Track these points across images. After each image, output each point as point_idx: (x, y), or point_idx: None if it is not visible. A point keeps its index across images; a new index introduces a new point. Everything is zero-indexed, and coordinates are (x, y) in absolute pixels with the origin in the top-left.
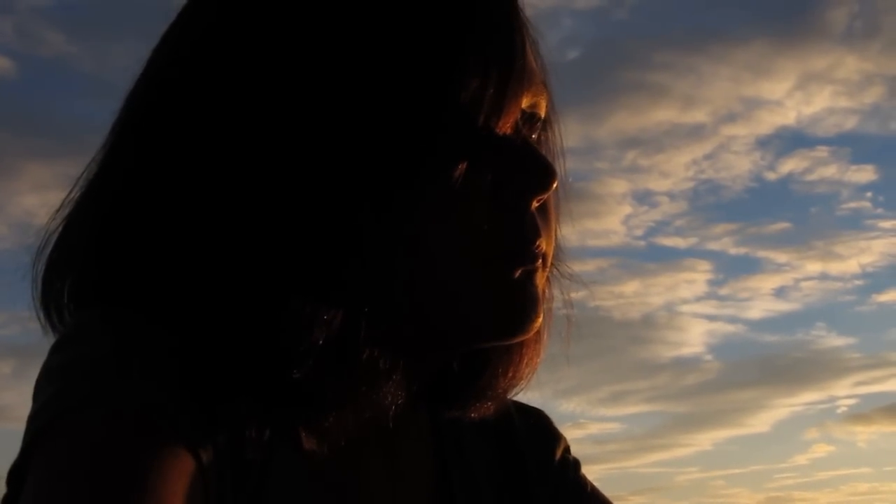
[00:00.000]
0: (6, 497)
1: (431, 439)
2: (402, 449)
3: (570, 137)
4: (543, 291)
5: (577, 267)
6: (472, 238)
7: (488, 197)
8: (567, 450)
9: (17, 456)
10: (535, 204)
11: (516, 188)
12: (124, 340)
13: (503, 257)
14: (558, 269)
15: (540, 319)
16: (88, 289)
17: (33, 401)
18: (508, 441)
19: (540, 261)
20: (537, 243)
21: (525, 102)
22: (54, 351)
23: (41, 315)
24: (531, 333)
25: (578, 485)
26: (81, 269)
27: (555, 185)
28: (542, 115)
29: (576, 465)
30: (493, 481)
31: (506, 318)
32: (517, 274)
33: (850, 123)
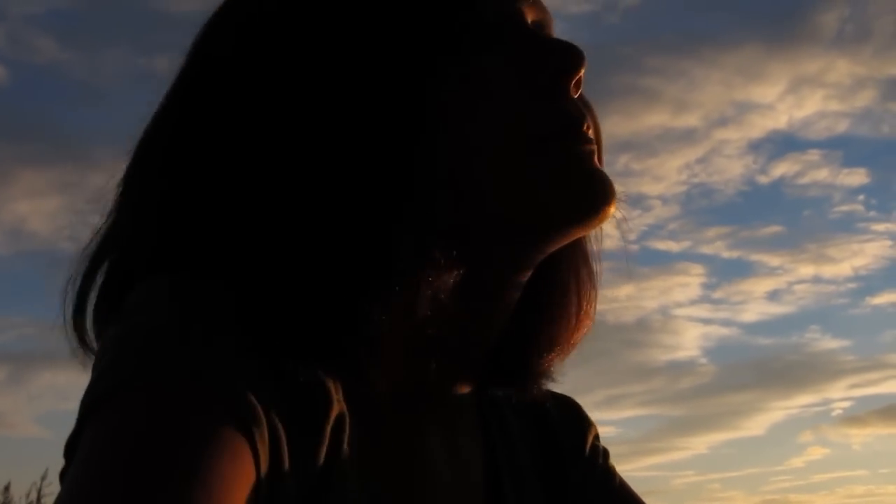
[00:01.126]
0: (64, 470)
1: (479, 418)
2: (459, 425)
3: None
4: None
5: None
6: (519, 122)
7: (524, 83)
8: (597, 437)
9: (74, 427)
10: (573, 90)
11: (550, 71)
12: (183, 308)
13: (558, 134)
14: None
15: (614, 202)
16: (149, 258)
17: (92, 371)
18: (544, 424)
19: (595, 146)
20: (586, 125)
21: (531, 15)
22: (117, 322)
23: (73, 326)
24: (608, 216)
25: (607, 472)
26: (139, 240)
27: (585, 66)
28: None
29: (605, 453)
30: (533, 461)
31: (580, 194)
32: (576, 152)
33: (842, 127)
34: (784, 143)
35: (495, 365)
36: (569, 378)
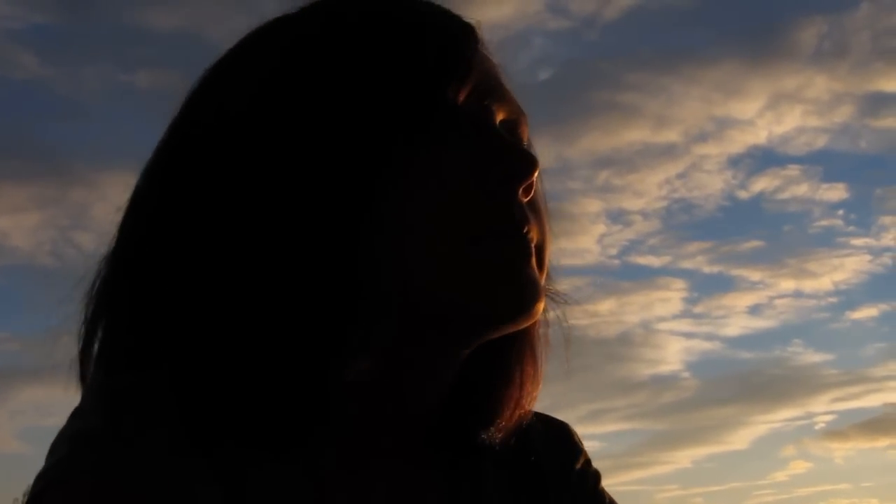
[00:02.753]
0: None
1: (446, 484)
2: (420, 486)
3: (542, 158)
4: (542, 283)
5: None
6: (459, 214)
7: (473, 178)
8: (588, 462)
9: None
10: (522, 195)
11: (501, 171)
12: (125, 413)
13: (495, 234)
14: (550, 287)
15: (542, 303)
16: (114, 350)
17: (46, 460)
18: (525, 455)
19: (533, 250)
20: (527, 229)
21: (502, 114)
22: (71, 417)
23: (79, 365)
24: (534, 317)
25: (597, 498)
26: (109, 330)
27: (536, 173)
28: (525, 138)
29: (596, 476)
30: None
31: (506, 294)
32: (510, 254)
33: (821, 142)
34: (764, 159)
35: (441, 435)
36: (551, 393)
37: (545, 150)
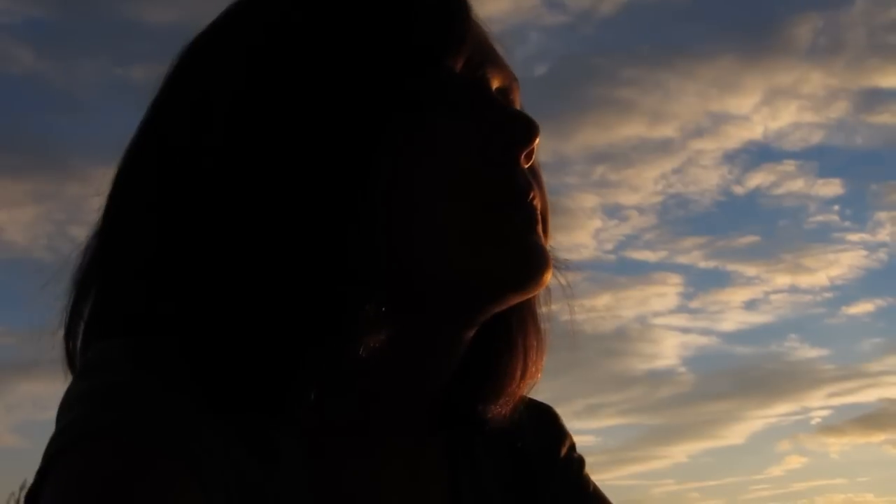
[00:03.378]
0: None
1: (445, 458)
2: (420, 467)
3: (538, 152)
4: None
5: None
6: (464, 184)
7: (476, 148)
8: (572, 447)
9: (34, 480)
10: (523, 161)
11: (503, 139)
12: (140, 368)
13: (501, 202)
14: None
15: (550, 271)
16: (109, 320)
17: (56, 426)
18: (517, 442)
19: (539, 216)
20: (531, 195)
21: (497, 81)
22: (77, 379)
23: (63, 346)
24: (542, 284)
25: (581, 483)
26: (102, 302)
27: (538, 139)
28: (518, 104)
29: (580, 462)
30: (504, 491)
31: (515, 262)
32: (518, 221)
33: (817, 138)
34: (759, 154)
35: (446, 411)
36: (548, 388)
37: (541, 145)
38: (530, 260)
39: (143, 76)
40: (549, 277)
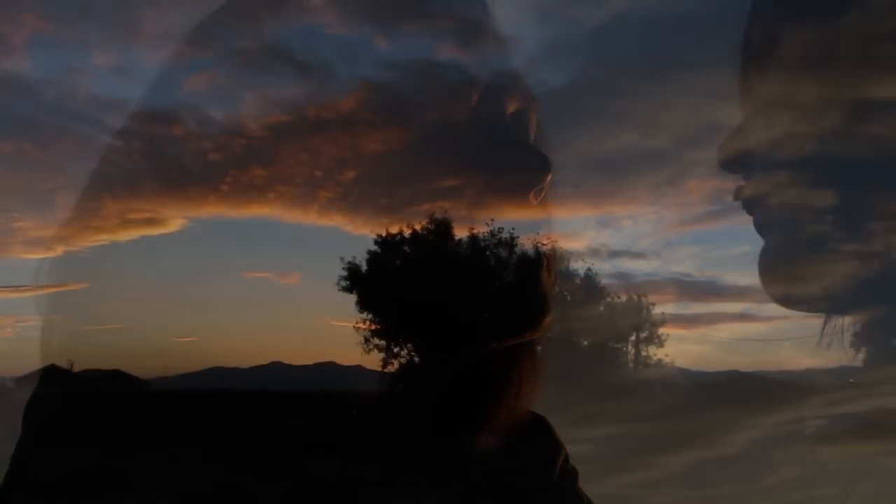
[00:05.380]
0: None
1: (435, 474)
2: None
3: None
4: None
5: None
6: None
7: None
8: (566, 459)
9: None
10: (533, 198)
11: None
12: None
13: None
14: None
15: (552, 316)
16: None
17: None
18: (509, 449)
19: (545, 263)
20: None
21: (513, 105)
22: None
23: None
24: (545, 331)
25: (574, 495)
26: None
27: (549, 177)
28: (535, 124)
29: (574, 474)
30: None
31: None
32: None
33: (810, 148)
34: (753, 164)
35: (442, 425)
36: (544, 396)
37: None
38: (533, 308)
39: None
40: (549, 324)
